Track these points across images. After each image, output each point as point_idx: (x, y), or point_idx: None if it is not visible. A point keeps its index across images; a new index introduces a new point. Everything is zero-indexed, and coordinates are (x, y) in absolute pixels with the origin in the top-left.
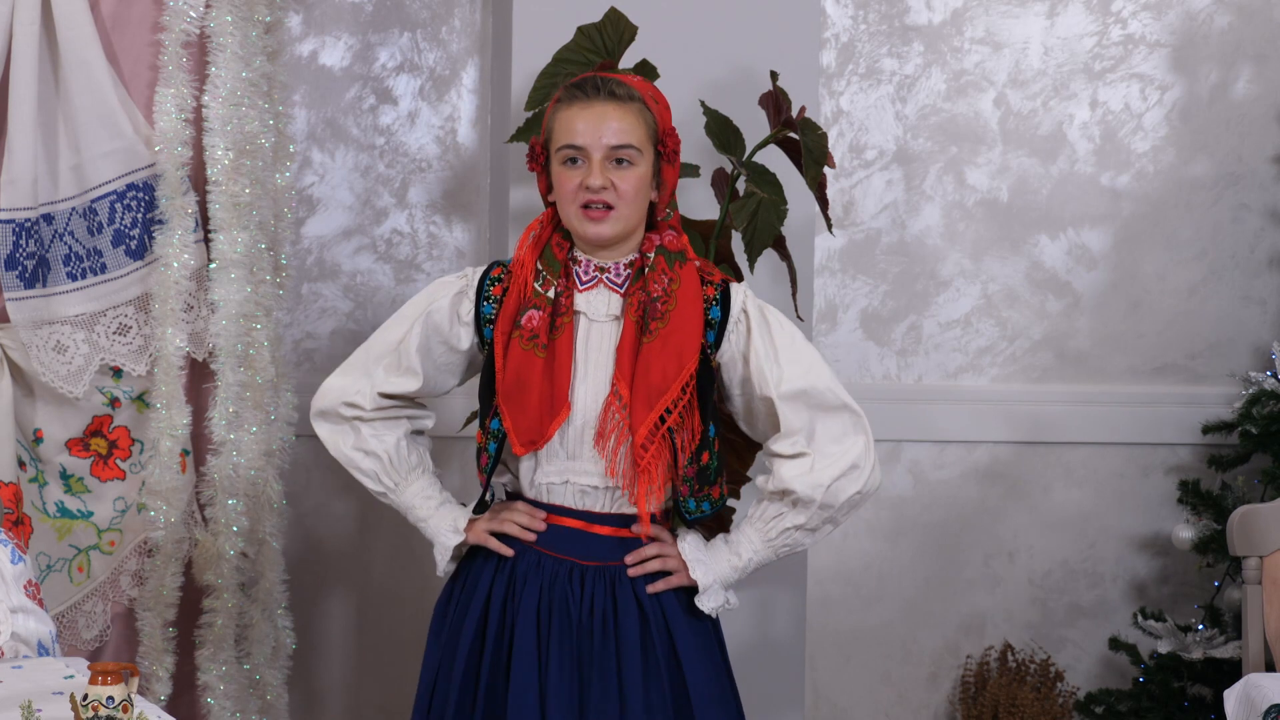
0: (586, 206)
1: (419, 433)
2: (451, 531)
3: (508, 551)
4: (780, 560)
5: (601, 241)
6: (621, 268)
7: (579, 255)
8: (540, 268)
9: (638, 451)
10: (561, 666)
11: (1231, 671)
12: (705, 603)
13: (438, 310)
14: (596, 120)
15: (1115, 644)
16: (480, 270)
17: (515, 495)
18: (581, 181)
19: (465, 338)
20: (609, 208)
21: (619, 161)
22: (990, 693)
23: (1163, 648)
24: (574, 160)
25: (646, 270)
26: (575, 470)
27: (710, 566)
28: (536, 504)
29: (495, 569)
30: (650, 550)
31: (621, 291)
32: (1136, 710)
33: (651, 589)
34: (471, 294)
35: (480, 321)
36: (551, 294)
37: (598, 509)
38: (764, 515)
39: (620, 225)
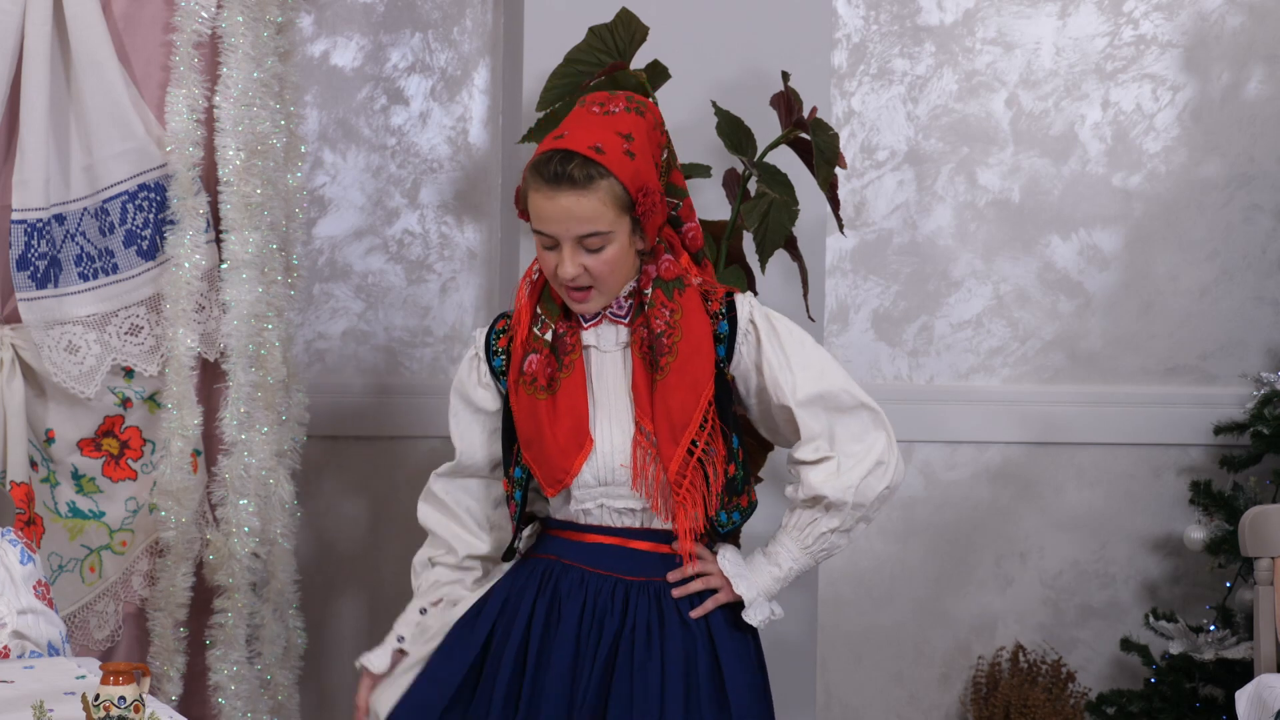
0: (567, 288)
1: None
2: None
3: None
4: (820, 565)
5: (590, 314)
6: (622, 300)
7: None
8: (539, 312)
9: (673, 487)
10: (594, 682)
11: (1243, 672)
12: (753, 616)
13: (461, 385)
14: (562, 214)
15: (1127, 645)
16: (485, 329)
17: (547, 521)
18: (556, 268)
19: (489, 399)
20: (588, 288)
21: (591, 248)
22: (1002, 693)
23: (1174, 648)
24: (550, 246)
25: (646, 307)
26: (610, 495)
27: (752, 580)
28: (572, 525)
29: (539, 587)
30: (692, 569)
31: (626, 322)
32: (1148, 711)
33: (695, 613)
34: (482, 353)
35: (495, 376)
36: (549, 336)
37: (637, 526)
38: (798, 524)
39: (604, 299)
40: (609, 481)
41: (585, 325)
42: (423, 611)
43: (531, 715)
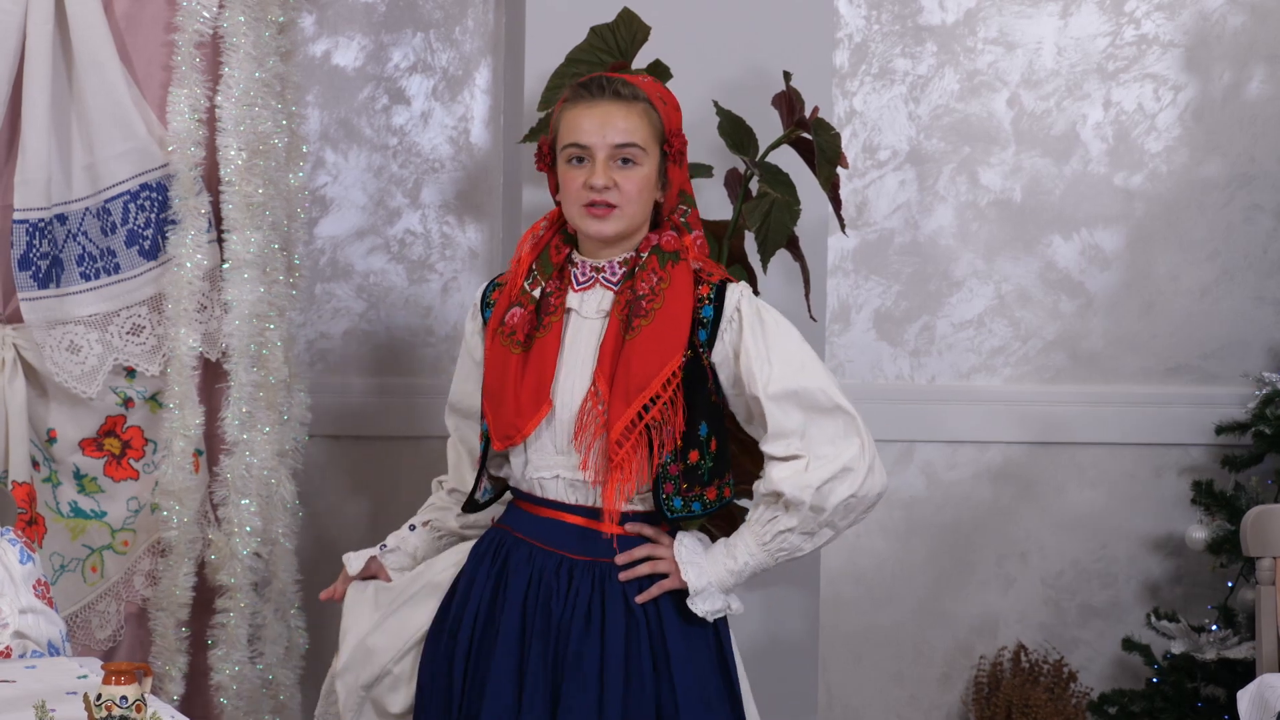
0: (591, 205)
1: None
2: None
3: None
4: (780, 566)
5: (604, 239)
6: (616, 266)
7: (577, 258)
8: (534, 268)
9: (612, 447)
10: (540, 663)
11: (1245, 672)
12: (699, 606)
13: (466, 333)
14: (601, 119)
15: (1128, 645)
16: (487, 283)
17: (514, 491)
18: (586, 180)
19: (482, 350)
20: (612, 206)
21: (624, 161)
22: (1003, 693)
23: (1176, 648)
24: (579, 159)
25: (637, 269)
26: (565, 465)
27: (704, 569)
28: (530, 497)
29: (491, 562)
30: (641, 551)
31: (615, 288)
32: (1150, 711)
33: (641, 599)
34: (479, 304)
35: (485, 328)
36: (537, 293)
37: (590, 504)
38: (759, 519)
39: (623, 223)
40: (565, 450)
41: (576, 288)
42: (411, 528)
43: (476, 692)
